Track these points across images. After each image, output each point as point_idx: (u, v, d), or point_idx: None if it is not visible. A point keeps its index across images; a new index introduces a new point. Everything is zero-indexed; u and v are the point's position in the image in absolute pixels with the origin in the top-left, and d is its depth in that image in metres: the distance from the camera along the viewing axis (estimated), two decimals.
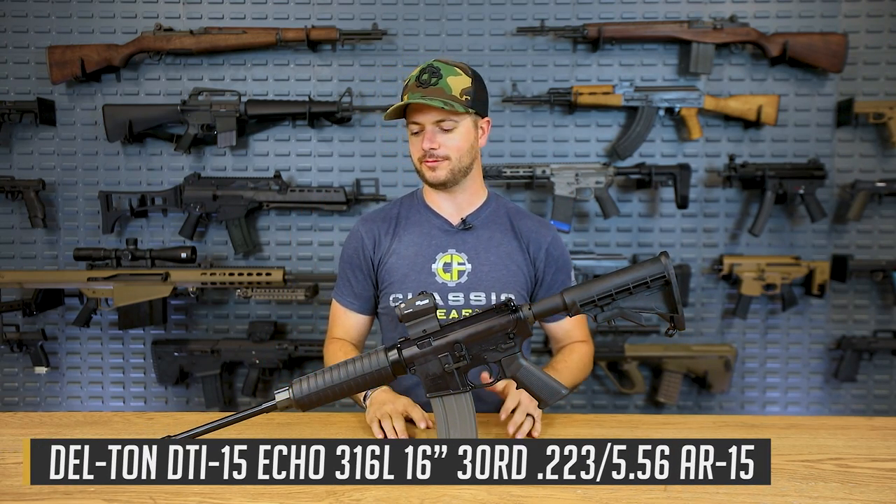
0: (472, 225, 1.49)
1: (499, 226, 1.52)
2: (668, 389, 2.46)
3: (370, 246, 1.51)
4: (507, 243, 1.50)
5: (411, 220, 1.52)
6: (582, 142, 2.49)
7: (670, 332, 1.10)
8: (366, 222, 1.55)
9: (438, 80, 1.37)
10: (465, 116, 1.40)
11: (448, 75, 1.38)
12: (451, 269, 1.47)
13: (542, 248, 1.51)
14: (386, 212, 1.56)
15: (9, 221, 2.53)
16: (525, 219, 1.55)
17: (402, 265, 1.48)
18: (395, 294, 1.47)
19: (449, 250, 1.48)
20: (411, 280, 1.46)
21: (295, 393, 1.11)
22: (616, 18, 2.44)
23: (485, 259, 1.47)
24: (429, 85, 1.36)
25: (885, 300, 2.52)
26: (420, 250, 1.48)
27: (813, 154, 2.46)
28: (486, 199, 1.54)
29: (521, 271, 1.49)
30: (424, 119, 1.39)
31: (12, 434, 1.23)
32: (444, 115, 1.38)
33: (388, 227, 1.52)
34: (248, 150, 2.50)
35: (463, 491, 0.98)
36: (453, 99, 1.36)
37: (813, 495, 0.97)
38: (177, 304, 2.54)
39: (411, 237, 1.50)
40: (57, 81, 2.40)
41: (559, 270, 1.53)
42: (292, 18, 2.46)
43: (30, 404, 2.59)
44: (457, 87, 1.38)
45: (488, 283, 1.46)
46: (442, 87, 1.36)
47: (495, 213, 1.53)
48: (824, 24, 2.43)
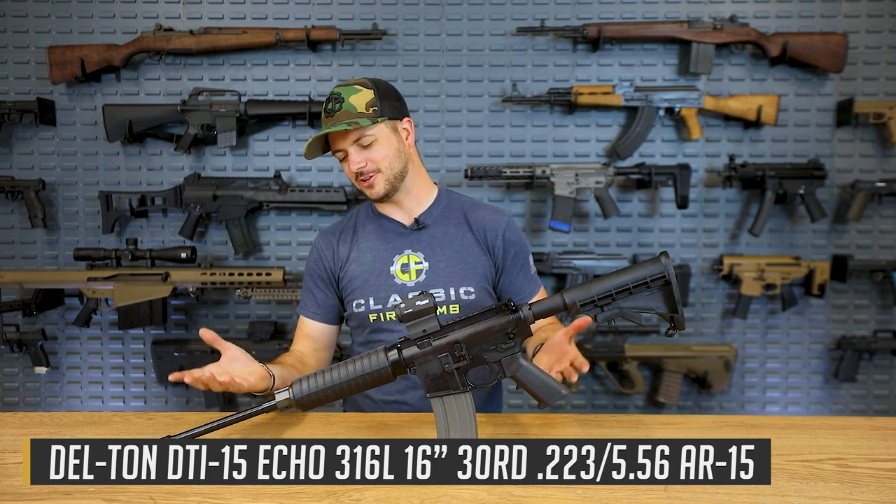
0: (424, 224, 1.51)
1: (452, 221, 1.53)
2: (668, 389, 2.46)
3: (329, 257, 1.54)
4: (462, 236, 1.51)
5: (367, 227, 1.55)
6: (582, 142, 2.50)
7: (670, 332, 1.10)
8: (324, 235, 1.58)
9: (341, 104, 1.40)
10: (378, 126, 1.42)
11: (349, 96, 1.41)
12: (409, 269, 1.48)
13: (499, 235, 1.52)
14: (343, 224, 1.60)
15: (9, 221, 2.53)
16: (478, 209, 1.56)
17: (362, 271, 1.50)
18: (358, 300, 1.49)
19: (405, 251, 1.50)
20: (371, 284, 1.48)
21: (295, 393, 1.11)
22: (616, 18, 2.44)
23: (440, 255, 1.49)
24: (334, 112, 1.40)
25: (885, 300, 2.52)
26: (377, 255, 1.50)
27: (813, 154, 2.46)
28: (437, 197, 1.56)
29: (479, 262, 1.50)
30: (343, 144, 1.43)
31: (12, 434, 1.23)
32: (356, 134, 1.41)
33: (346, 237, 1.55)
34: (248, 150, 2.50)
35: (463, 491, 0.98)
36: (359, 116, 1.39)
37: (813, 495, 0.97)
38: (177, 304, 2.54)
39: (368, 243, 1.52)
40: (57, 81, 2.40)
41: (518, 254, 1.54)
42: (292, 18, 2.46)
43: (30, 404, 2.59)
44: (360, 103, 1.40)
45: (446, 278, 1.47)
46: (347, 110, 1.39)
47: (448, 209, 1.55)
48: (824, 24, 2.43)
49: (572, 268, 2.41)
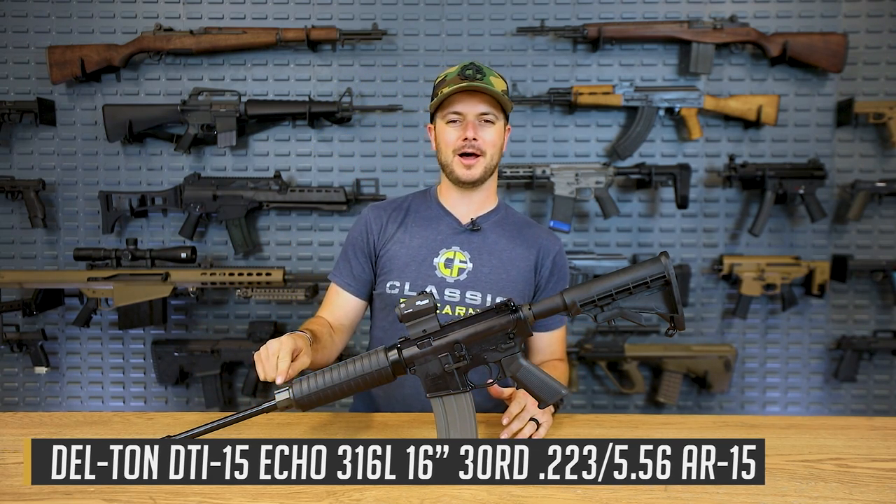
0: (480, 226, 1.51)
1: (506, 232, 1.54)
2: (668, 389, 2.46)
3: (376, 230, 1.53)
4: (512, 250, 1.51)
5: (421, 213, 1.54)
6: (582, 142, 2.50)
7: (670, 332, 1.10)
8: (375, 209, 1.57)
9: (483, 76, 1.39)
10: (502, 116, 1.44)
11: (490, 75, 1.41)
12: (453, 265, 1.48)
13: (550, 257, 1.54)
14: (397, 203, 1.58)
15: (9, 221, 2.53)
16: (534, 228, 1.58)
17: (405, 254, 1.49)
18: (393, 281, 1.48)
19: (453, 247, 1.49)
20: (411, 270, 1.48)
21: (295, 393, 1.11)
22: (616, 18, 2.44)
23: (486, 261, 1.49)
24: (475, 78, 1.38)
25: (885, 300, 2.52)
26: (425, 242, 1.50)
27: (813, 154, 2.46)
28: (497, 206, 1.57)
29: (522, 278, 1.51)
30: (469, 109, 1.40)
31: (12, 434, 1.23)
32: (489, 108, 1.40)
33: (397, 216, 1.54)
34: (248, 150, 2.50)
35: (463, 491, 0.98)
36: (500, 95, 1.39)
37: (813, 495, 0.97)
38: (177, 304, 2.54)
39: (418, 229, 1.52)
40: (57, 81, 2.40)
41: (560, 280, 1.55)
42: (292, 18, 2.46)
43: (30, 404, 2.59)
44: (499, 85, 1.41)
45: (486, 284, 1.47)
46: (487, 85, 1.38)
47: (504, 219, 1.56)
48: (824, 24, 2.43)
49: (572, 268, 2.41)
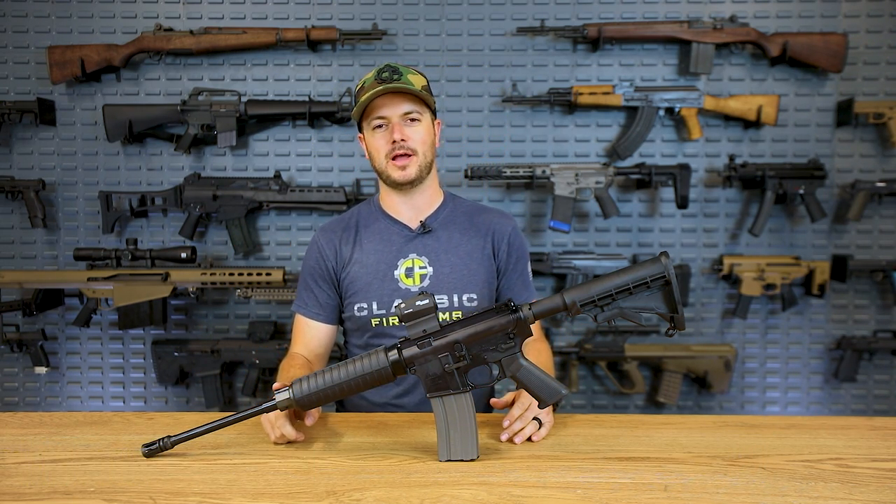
0: (430, 228, 1.50)
1: (457, 226, 1.53)
2: (668, 389, 2.46)
3: (331, 256, 1.52)
4: (467, 242, 1.51)
5: (370, 227, 1.53)
6: (582, 142, 2.50)
7: (670, 332, 1.10)
8: (325, 232, 1.55)
9: (400, 76, 1.38)
10: (427, 111, 1.43)
11: (407, 73, 1.40)
12: (413, 273, 1.47)
13: (505, 238, 1.53)
14: (344, 221, 1.56)
15: (9, 221, 2.53)
16: (484, 213, 1.57)
17: (365, 274, 1.48)
18: (360, 303, 1.48)
19: (410, 255, 1.49)
20: (374, 288, 1.47)
21: (295, 393, 1.11)
22: (616, 18, 2.44)
23: (445, 261, 1.48)
24: (391, 80, 1.37)
25: (885, 300, 2.52)
26: (381, 257, 1.49)
27: (813, 154, 2.46)
28: (443, 201, 1.56)
29: (483, 268, 1.50)
30: (392, 112, 1.40)
31: (12, 434, 1.23)
32: (413, 106, 1.40)
33: (349, 237, 1.53)
34: (248, 150, 2.50)
35: (463, 491, 0.98)
36: (418, 93, 1.39)
37: (813, 495, 0.97)
38: (177, 304, 2.54)
39: (372, 245, 1.50)
40: (57, 81, 2.40)
41: (519, 259, 1.55)
42: (292, 18, 2.46)
43: (30, 404, 2.59)
44: (418, 83, 1.41)
45: (450, 284, 1.47)
46: (406, 84, 1.38)
47: (453, 213, 1.55)
48: (824, 24, 2.43)
49: (572, 268, 2.41)
